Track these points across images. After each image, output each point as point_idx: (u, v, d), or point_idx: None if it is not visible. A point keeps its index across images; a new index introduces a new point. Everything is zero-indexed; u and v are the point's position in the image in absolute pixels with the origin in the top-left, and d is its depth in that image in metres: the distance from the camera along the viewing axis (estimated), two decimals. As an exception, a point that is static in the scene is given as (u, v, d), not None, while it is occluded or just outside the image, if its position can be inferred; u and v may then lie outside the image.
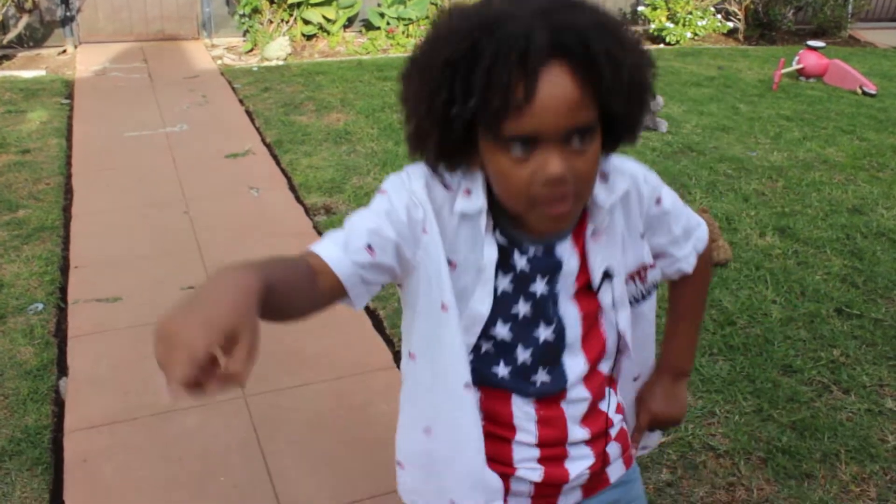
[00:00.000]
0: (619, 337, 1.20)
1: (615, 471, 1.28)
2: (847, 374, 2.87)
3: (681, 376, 1.38)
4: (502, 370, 1.15)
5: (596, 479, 1.25)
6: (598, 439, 1.23)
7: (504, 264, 1.11)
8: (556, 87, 0.94)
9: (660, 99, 5.82)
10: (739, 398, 2.71)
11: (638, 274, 1.21)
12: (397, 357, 2.93)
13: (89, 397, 2.67)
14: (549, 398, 1.18)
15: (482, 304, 1.10)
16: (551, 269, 1.12)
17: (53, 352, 2.89)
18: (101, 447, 2.44)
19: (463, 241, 1.09)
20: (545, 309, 1.13)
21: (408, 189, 1.07)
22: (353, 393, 2.73)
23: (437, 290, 1.09)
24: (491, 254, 1.09)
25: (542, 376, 1.16)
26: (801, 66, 7.36)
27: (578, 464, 1.21)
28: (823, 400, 2.73)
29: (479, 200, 1.06)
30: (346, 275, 1.05)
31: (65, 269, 3.52)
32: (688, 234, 1.27)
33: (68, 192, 4.35)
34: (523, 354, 1.15)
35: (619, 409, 1.29)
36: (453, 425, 1.16)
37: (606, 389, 1.24)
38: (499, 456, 1.18)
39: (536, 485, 1.20)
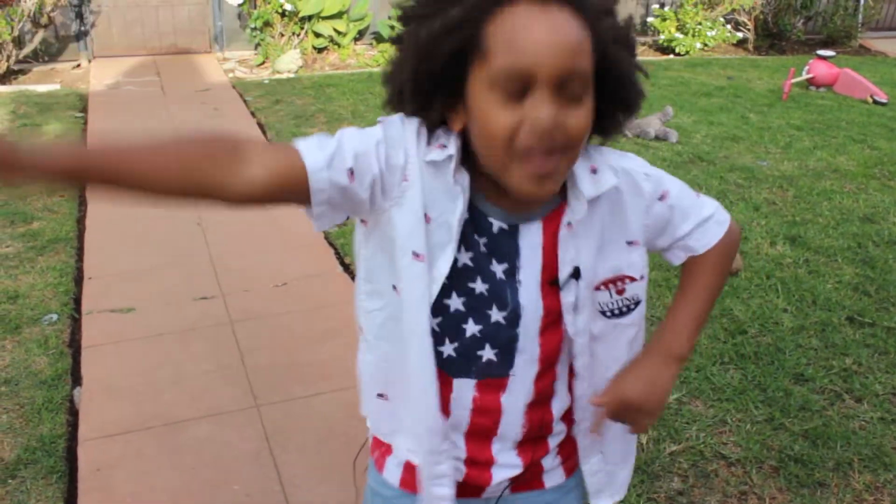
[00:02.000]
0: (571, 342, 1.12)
1: (552, 478, 1.24)
2: (859, 383, 2.86)
3: (672, 360, 1.18)
4: (448, 348, 1.10)
5: (525, 479, 1.21)
6: (532, 444, 1.18)
7: (467, 239, 1.05)
8: (556, 20, 0.91)
9: (669, 109, 5.83)
10: (751, 407, 2.71)
11: (614, 283, 1.12)
12: (408, 366, 2.94)
13: (103, 407, 2.69)
14: (491, 382, 1.12)
15: (443, 264, 1.04)
16: (509, 254, 1.07)
17: (68, 362, 2.92)
18: (115, 456, 2.46)
19: (438, 195, 1.02)
20: (501, 292, 1.07)
21: (400, 131, 1.02)
22: (365, 402, 2.73)
23: (412, 239, 1.02)
24: (458, 208, 1.02)
25: (488, 353, 1.10)
26: (811, 75, 7.35)
27: (503, 472, 1.18)
28: (836, 408, 2.72)
29: (450, 149, 1.00)
30: (318, 188, 0.99)
31: (79, 280, 3.55)
32: (703, 225, 1.18)
33: (82, 203, 4.40)
34: (473, 328, 1.09)
35: (568, 419, 1.21)
36: (413, 381, 1.11)
37: (556, 392, 1.17)
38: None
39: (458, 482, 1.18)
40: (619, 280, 1.12)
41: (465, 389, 1.12)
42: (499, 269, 1.07)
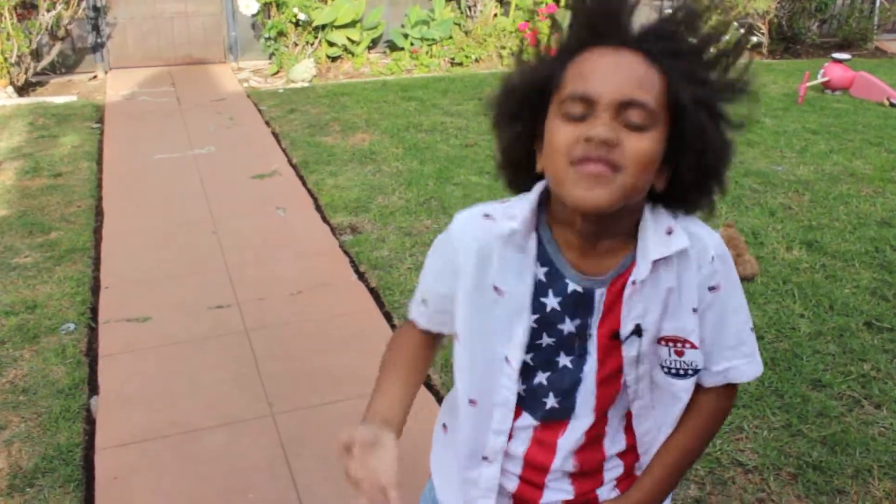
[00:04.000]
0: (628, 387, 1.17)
1: (606, 495, 1.26)
2: (878, 389, 2.83)
3: None
4: (520, 386, 1.18)
5: (581, 501, 1.24)
6: (586, 477, 1.22)
7: (534, 302, 1.13)
8: (623, 58, 1.02)
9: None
10: (768, 413, 2.69)
11: (674, 342, 1.14)
12: (423, 374, 2.94)
13: (120, 415, 2.71)
14: (552, 423, 1.19)
15: (520, 331, 1.14)
16: (583, 311, 1.13)
17: (85, 371, 2.94)
18: (132, 465, 2.47)
19: (509, 267, 1.13)
20: (569, 343, 1.15)
21: (445, 244, 1.20)
22: (380, 410, 2.73)
23: (487, 279, 1.15)
24: (527, 281, 1.13)
25: (552, 401, 1.18)
26: (826, 78, 7.31)
27: (554, 494, 1.23)
28: (854, 415, 2.70)
29: (516, 222, 1.11)
30: (431, 327, 1.27)
31: (96, 289, 3.58)
32: (723, 353, 1.17)
33: (99, 213, 4.43)
34: (540, 377, 1.17)
35: (627, 458, 1.24)
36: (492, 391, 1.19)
37: (607, 434, 1.21)
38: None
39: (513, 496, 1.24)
40: (678, 341, 1.14)
41: (528, 422, 1.20)
42: (570, 325, 1.14)
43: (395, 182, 4.84)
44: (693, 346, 1.14)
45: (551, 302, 1.13)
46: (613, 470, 1.24)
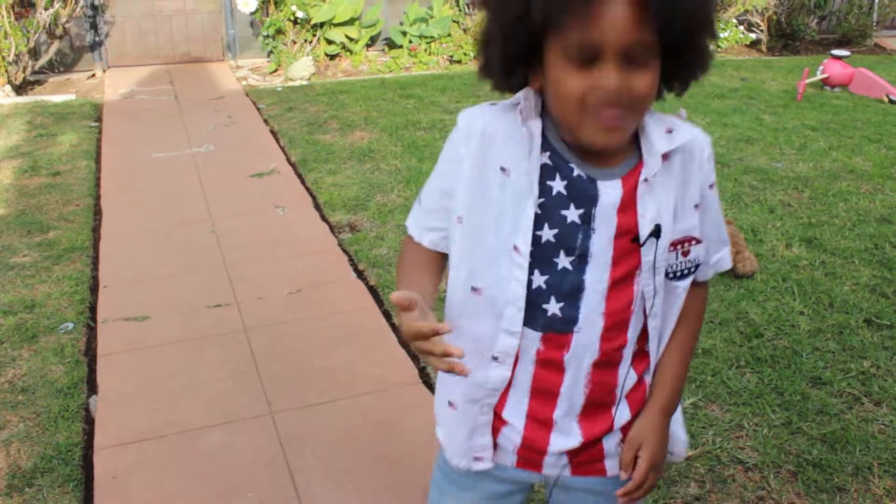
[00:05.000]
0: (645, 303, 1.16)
1: (614, 466, 1.25)
2: (878, 386, 2.83)
3: (668, 415, 1.27)
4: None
5: (585, 461, 1.23)
6: (594, 414, 1.20)
7: (541, 185, 1.12)
8: (625, 4, 1.00)
9: (683, 111, 5.78)
10: (768, 411, 2.68)
11: (682, 244, 1.17)
12: (423, 373, 2.94)
13: (119, 415, 2.70)
14: (554, 337, 1.15)
15: (529, 208, 1.12)
16: (587, 199, 1.11)
17: (83, 370, 2.93)
18: (131, 464, 2.47)
19: (515, 149, 1.12)
20: (571, 237, 1.12)
21: (452, 138, 1.19)
22: (379, 409, 2.73)
23: (493, 161, 1.14)
24: (534, 152, 1.12)
25: (553, 307, 1.14)
26: (825, 75, 7.30)
27: (561, 439, 1.21)
28: (854, 412, 2.69)
29: (518, 99, 1.12)
30: (435, 245, 1.25)
31: (94, 288, 3.57)
32: (717, 245, 1.25)
33: (97, 212, 4.43)
34: (539, 279, 1.13)
35: (637, 398, 1.23)
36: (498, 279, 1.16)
37: (624, 358, 1.19)
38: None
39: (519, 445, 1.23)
40: (686, 241, 1.17)
41: (531, 340, 1.16)
42: (574, 213, 1.12)
43: (393, 180, 4.83)
44: (698, 242, 1.18)
45: (557, 185, 1.12)
46: (622, 414, 1.23)
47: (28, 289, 3.49)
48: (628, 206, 1.12)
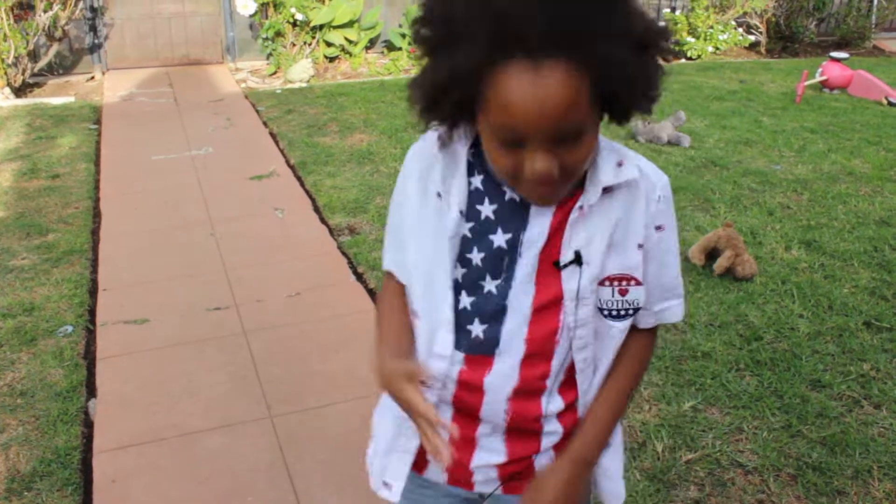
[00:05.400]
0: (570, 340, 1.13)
1: None
2: (878, 389, 2.83)
3: (585, 467, 1.19)
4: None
5: (518, 480, 1.20)
6: (519, 437, 1.18)
7: (470, 210, 1.11)
8: (547, 88, 0.92)
9: (682, 114, 5.81)
10: (767, 414, 2.68)
11: (619, 281, 1.12)
12: (422, 375, 2.93)
13: (118, 418, 2.70)
14: (477, 359, 1.14)
15: (451, 221, 1.12)
16: (516, 224, 1.10)
17: (83, 373, 2.93)
18: (130, 468, 2.47)
19: (448, 174, 1.12)
20: (497, 263, 1.11)
21: (402, 172, 1.21)
22: (378, 412, 2.73)
23: (432, 186, 1.14)
24: (459, 171, 1.11)
25: (477, 328, 1.13)
26: (824, 77, 7.31)
27: (485, 455, 1.19)
28: (854, 415, 2.69)
29: (441, 130, 1.10)
30: (396, 269, 1.24)
31: (93, 291, 3.57)
32: (663, 294, 1.18)
33: (96, 215, 4.43)
34: (465, 300, 1.13)
35: (566, 419, 1.19)
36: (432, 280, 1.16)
37: (548, 388, 1.16)
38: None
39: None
40: (624, 279, 1.12)
41: (455, 360, 1.15)
42: (502, 238, 1.10)
43: (393, 182, 4.78)
44: (637, 283, 1.13)
45: (486, 210, 1.11)
46: (552, 435, 1.19)
47: (27, 291, 3.48)
48: (558, 232, 1.09)
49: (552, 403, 1.17)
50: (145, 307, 3.41)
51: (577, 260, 1.09)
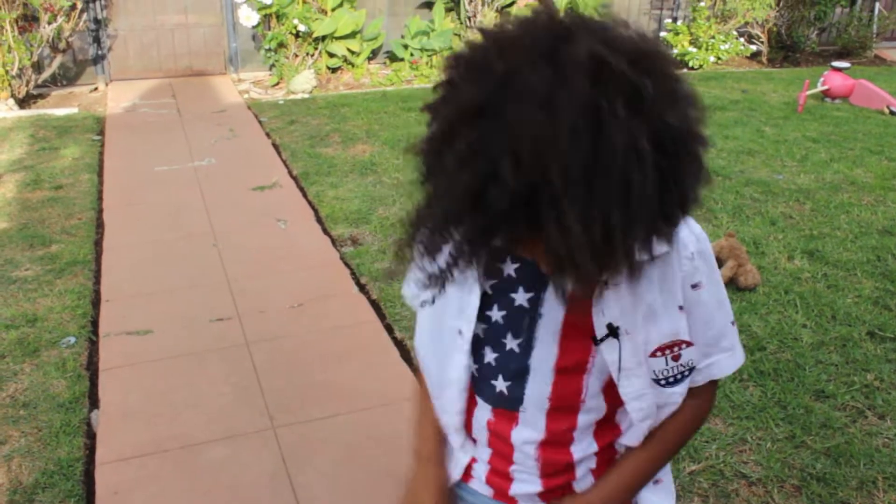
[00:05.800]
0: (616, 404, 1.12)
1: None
2: (882, 399, 2.82)
3: None
4: (473, 365, 1.16)
5: (559, 494, 1.20)
6: (554, 475, 1.18)
7: (492, 268, 1.11)
8: None
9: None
10: (771, 424, 2.68)
11: (670, 348, 1.09)
12: (424, 386, 2.93)
13: (120, 430, 2.69)
14: (503, 412, 1.16)
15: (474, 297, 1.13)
16: (539, 283, 1.08)
17: (85, 385, 2.93)
18: (132, 479, 2.46)
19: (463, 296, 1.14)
20: (518, 320, 1.10)
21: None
22: (382, 424, 2.73)
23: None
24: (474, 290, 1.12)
25: (500, 384, 1.14)
26: (826, 87, 7.32)
27: (523, 486, 1.20)
28: (858, 426, 2.68)
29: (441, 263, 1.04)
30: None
31: (96, 302, 3.57)
32: (708, 348, 1.14)
33: (100, 226, 4.43)
34: (490, 355, 1.13)
35: (602, 455, 1.18)
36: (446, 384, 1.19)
37: (576, 440, 1.15)
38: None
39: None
40: (675, 345, 1.09)
41: (483, 409, 1.18)
42: (523, 297, 1.09)
43: (395, 193, 4.84)
44: (689, 345, 1.10)
45: (508, 268, 1.10)
46: (585, 464, 1.18)
47: (30, 303, 3.49)
48: (580, 300, 1.06)
49: (583, 450, 1.17)
50: (148, 318, 3.41)
51: (613, 332, 1.06)
